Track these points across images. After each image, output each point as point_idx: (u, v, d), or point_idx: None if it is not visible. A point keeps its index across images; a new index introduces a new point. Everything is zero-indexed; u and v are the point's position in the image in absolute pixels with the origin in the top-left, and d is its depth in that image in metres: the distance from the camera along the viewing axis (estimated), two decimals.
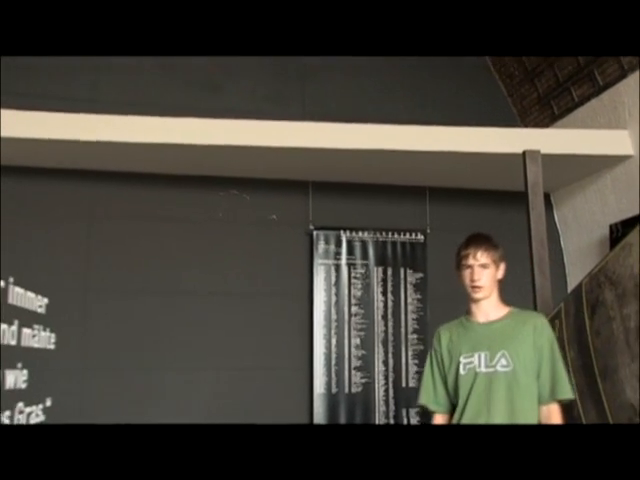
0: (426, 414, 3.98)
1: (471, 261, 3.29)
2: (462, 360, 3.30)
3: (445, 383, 3.45)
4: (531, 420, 3.16)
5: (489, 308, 3.39)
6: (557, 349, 3.32)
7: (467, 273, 3.33)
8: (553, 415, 3.23)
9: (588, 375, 4.30)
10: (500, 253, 3.51)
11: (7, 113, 6.69)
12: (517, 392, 3.20)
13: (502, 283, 3.83)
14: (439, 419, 3.50)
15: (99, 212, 8.13)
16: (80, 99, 7.83)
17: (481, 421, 3.18)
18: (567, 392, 3.28)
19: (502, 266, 3.48)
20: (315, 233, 8.54)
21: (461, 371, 3.29)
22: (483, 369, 3.25)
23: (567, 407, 4.20)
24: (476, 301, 3.39)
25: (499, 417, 3.15)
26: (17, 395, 7.34)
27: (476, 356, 3.26)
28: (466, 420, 3.24)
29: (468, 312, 3.50)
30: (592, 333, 4.29)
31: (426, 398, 3.51)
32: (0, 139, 6.56)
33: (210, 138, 7.21)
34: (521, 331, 3.29)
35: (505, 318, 3.38)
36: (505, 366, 3.19)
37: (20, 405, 7.35)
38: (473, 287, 3.32)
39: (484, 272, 3.30)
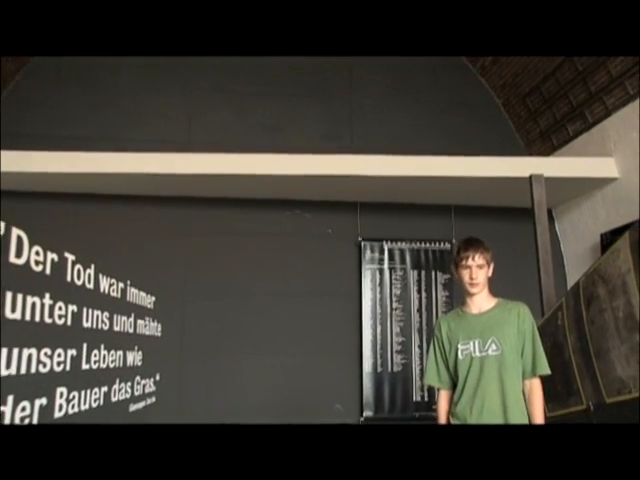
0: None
1: (470, 262, 3.32)
2: (460, 347, 3.35)
3: (446, 364, 3.48)
4: (517, 393, 3.23)
5: (481, 301, 3.42)
6: (537, 333, 3.36)
7: (466, 272, 3.36)
8: (535, 388, 3.28)
9: (585, 356, 4.19)
10: (491, 255, 3.49)
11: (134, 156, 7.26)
12: (505, 371, 3.22)
13: (493, 279, 3.76)
14: (443, 393, 3.52)
15: (195, 230, 8.45)
16: (179, 141, 8.26)
17: (478, 397, 3.24)
18: (545, 369, 3.30)
19: (492, 266, 3.46)
20: (363, 244, 8.75)
21: (459, 356, 3.34)
22: (477, 354, 3.29)
23: (568, 382, 4.35)
24: (472, 295, 3.42)
25: (491, 392, 3.21)
26: (135, 371, 7.79)
27: (471, 343, 3.30)
28: (466, 396, 3.29)
29: (463, 304, 3.52)
30: (588, 322, 4.17)
31: (431, 378, 3.55)
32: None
33: (279, 169, 7.49)
34: (507, 318, 3.32)
35: (494, 309, 3.40)
36: (495, 350, 3.23)
37: (138, 378, 7.78)
38: (471, 284, 3.35)
39: (480, 271, 3.34)
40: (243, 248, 8.44)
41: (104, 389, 7.39)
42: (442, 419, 3.43)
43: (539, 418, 3.17)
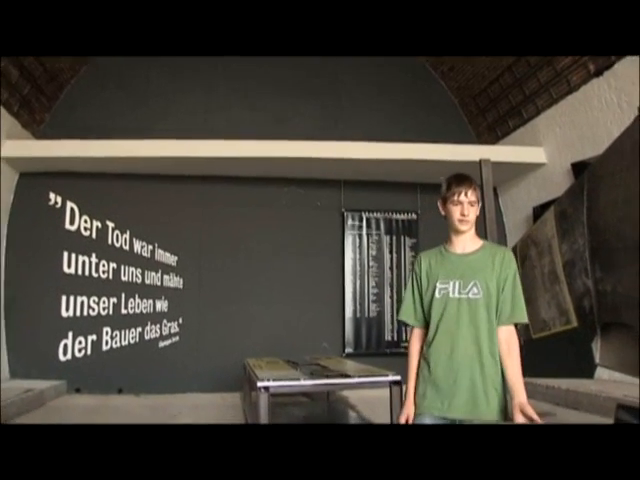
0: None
1: (462, 198, 2.61)
2: (438, 285, 2.68)
3: (422, 302, 2.78)
4: (492, 338, 2.60)
5: (467, 241, 2.71)
6: (519, 280, 2.70)
7: (457, 208, 2.63)
8: (512, 334, 2.64)
9: None
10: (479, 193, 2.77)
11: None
12: (482, 315, 2.59)
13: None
14: (416, 331, 2.80)
15: (209, 203, 8.49)
16: (197, 130, 8.15)
17: (451, 338, 2.60)
18: (523, 316, 2.65)
19: (479, 205, 2.73)
20: (345, 214, 8.82)
21: (436, 294, 2.67)
22: (456, 295, 2.63)
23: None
24: (459, 234, 2.70)
25: (465, 335, 2.59)
26: (163, 315, 7.97)
27: (450, 283, 2.65)
28: (439, 337, 2.64)
29: (448, 242, 2.78)
30: (522, 276, 3.97)
31: (406, 315, 2.81)
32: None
33: (279, 152, 7.56)
34: (491, 262, 2.65)
35: (479, 251, 2.70)
36: (476, 294, 2.60)
37: (165, 321, 7.95)
38: (461, 220, 2.63)
39: (472, 208, 2.63)
40: (248, 217, 8.48)
41: (139, 329, 7.62)
42: (413, 359, 2.75)
43: (516, 366, 2.55)
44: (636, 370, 2.81)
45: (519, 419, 2.33)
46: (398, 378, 4.10)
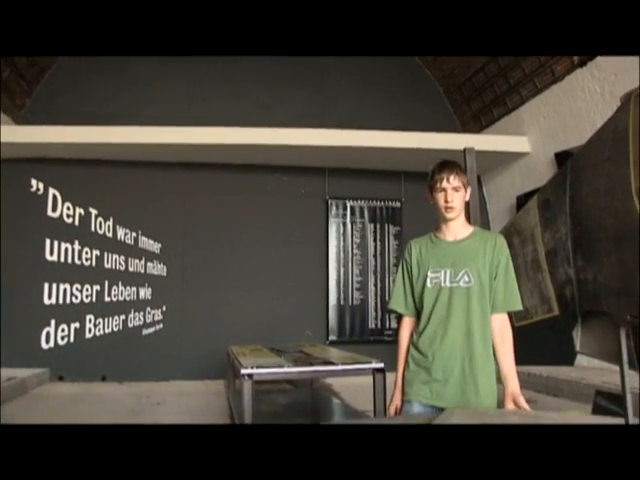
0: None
1: (445, 184, 2.52)
2: (429, 274, 2.60)
3: (412, 291, 2.70)
4: (484, 327, 2.53)
5: (457, 228, 2.62)
6: (511, 266, 2.64)
7: (441, 196, 2.54)
8: (505, 323, 2.57)
9: None
10: (467, 178, 2.70)
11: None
12: (475, 304, 2.52)
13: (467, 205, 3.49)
14: (406, 320, 2.73)
15: (193, 190, 8.45)
16: (181, 117, 8.12)
17: (443, 328, 2.53)
18: (517, 304, 2.60)
19: (469, 190, 2.66)
20: (329, 201, 8.83)
21: (428, 284, 2.59)
22: (448, 284, 2.56)
23: None
24: (447, 221, 2.61)
25: (457, 325, 2.52)
26: (146, 303, 7.94)
27: (442, 272, 2.58)
28: (430, 326, 2.57)
29: (438, 230, 2.69)
30: None
31: (396, 303, 2.73)
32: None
33: (263, 140, 7.53)
34: (483, 249, 2.57)
35: (470, 237, 2.62)
36: (467, 282, 2.52)
37: (148, 309, 7.93)
38: (447, 208, 2.55)
39: (456, 194, 2.54)
40: (232, 205, 8.45)
41: (122, 317, 7.59)
42: (403, 349, 2.69)
43: (509, 355, 2.51)
44: (615, 357, 2.85)
45: (510, 408, 2.33)
46: (381, 365, 4.12)
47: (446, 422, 1.77)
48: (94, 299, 6.72)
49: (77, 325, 5.76)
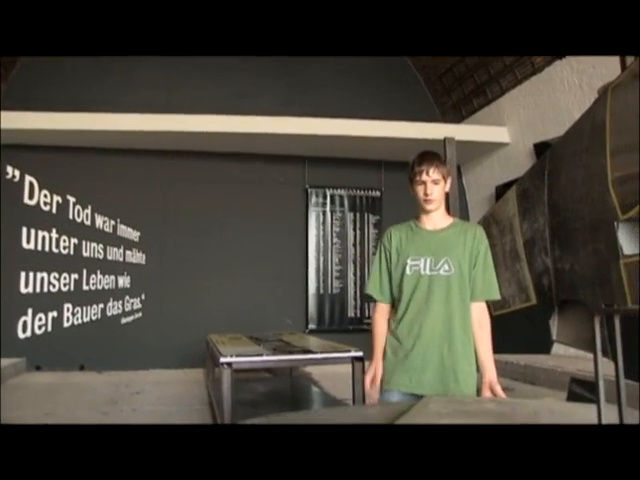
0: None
1: (424, 177, 2.51)
2: (409, 262, 2.58)
3: (390, 277, 2.68)
4: (463, 315, 2.52)
5: (437, 218, 2.62)
6: (490, 256, 2.63)
7: (421, 188, 2.54)
8: (484, 311, 2.57)
9: None
10: (447, 169, 2.67)
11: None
12: (454, 293, 2.52)
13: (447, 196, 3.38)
14: (382, 307, 2.70)
15: (173, 178, 8.39)
16: (159, 104, 8.05)
17: (421, 316, 2.52)
18: (495, 293, 2.61)
19: (449, 181, 2.64)
20: (309, 190, 8.82)
21: (407, 271, 2.57)
22: (427, 272, 2.54)
23: None
24: (427, 212, 2.60)
25: (436, 313, 2.51)
26: (125, 292, 7.87)
27: (422, 260, 2.56)
28: (409, 314, 2.56)
29: (418, 219, 2.67)
30: None
31: (373, 289, 2.70)
32: None
33: (243, 128, 7.47)
34: (463, 239, 2.57)
35: (449, 227, 2.62)
36: (447, 271, 2.51)
37: (127, 297, 7.88)
38: (426, 200, 2.54)
39: (436, 187, 2.54)
40: (211, 193, 8.40)
41: (101, 306, 7.53)
42: (379, 335, 2.67)
43: (487, 344, 2.51)
44: (590, 346, 2.90)
45: (487, 396, 2.34)
46: (360, 354, 4.16)
47: (423, 410, 1.76)
48: (72, 288, 6.64)
49: (55, 314, 5.69)
